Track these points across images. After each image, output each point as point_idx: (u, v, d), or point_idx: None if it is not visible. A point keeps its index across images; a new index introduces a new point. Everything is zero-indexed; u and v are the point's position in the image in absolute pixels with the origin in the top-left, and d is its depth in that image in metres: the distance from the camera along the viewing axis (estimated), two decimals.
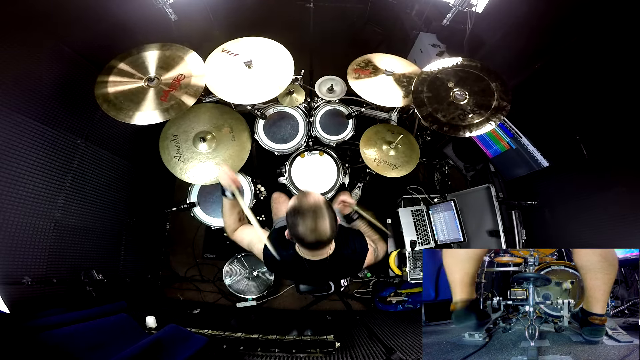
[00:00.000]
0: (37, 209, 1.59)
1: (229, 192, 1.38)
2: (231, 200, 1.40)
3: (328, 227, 1.15)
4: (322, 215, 1.14)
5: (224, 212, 1.44)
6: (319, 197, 1.20)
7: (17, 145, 1.51)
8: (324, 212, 1.15)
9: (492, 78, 1.78)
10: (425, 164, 2.95)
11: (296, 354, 1.56)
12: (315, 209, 1.14)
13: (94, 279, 1.72)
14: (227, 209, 1.43)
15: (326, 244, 1.21)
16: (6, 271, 1.42)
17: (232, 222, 1.45)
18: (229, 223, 1.45)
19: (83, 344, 1.27)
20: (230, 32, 2.95)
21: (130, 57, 1.72)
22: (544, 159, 2.03)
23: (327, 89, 2.16)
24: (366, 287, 2.61)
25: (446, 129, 1.71)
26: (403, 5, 3.05)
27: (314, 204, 1.15)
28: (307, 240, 1.16)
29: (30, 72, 1.60)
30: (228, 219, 1.44)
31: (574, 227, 2.00)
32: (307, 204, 1.15)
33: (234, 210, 1.43)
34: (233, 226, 1.45)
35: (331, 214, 1.17)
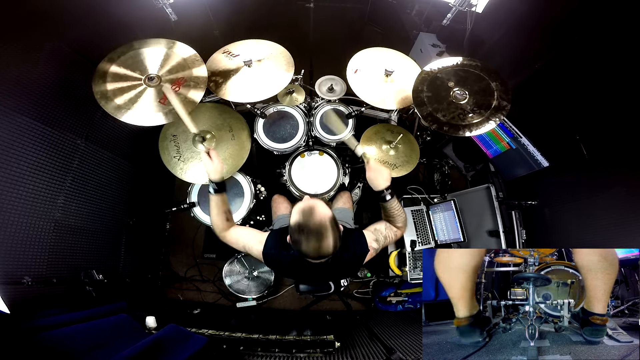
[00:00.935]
0: (37, 209, 1.59)
1: (211, 187, 1.35)
2: (218, 197, 1.37)
3: (332, 246, 1.14)
4: (327, 235, 1.13)
5: (211, 210, 1.39)
6: (324, 215, 1.16)
7: (17, 145, 1.51)
8: (329, 232, 1.13)
9: (492, 78, 1.78)
10: (425, 164, 2.95)
11: (296, 354, 1.56)
12: (320, 229, 1.12)
13: (94, 279, 1.72)
14: (213, 206, 1.38)
15: (328, 257, 1.21)
16: (6, 271, 1.42)
17: (220, 222, 1.39)
18: (217, 223, 1.40)
19: (83, 344, 1.27)
20: (230, 32, 2.97)
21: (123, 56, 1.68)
22: (544, 159, 2.02)
23: (327, 89, 2.16)
24: (366, 287, 2.61)
25: (446, 129, 1.71)
26: (403, 5, 3.05)
27: (319, 224, 1.13)
28: (309, 256, 1.17)
29: (31, 72, 1.60)
30: (216, 218, 1.39)
31: (574, 227, 2.00)
32: (313, 223, 1.13)
33: (220, 208, 1.38)
34: (222, 226, 1.40)
35: (335, 233, 1.16)
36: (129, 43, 1.70)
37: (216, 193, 1.37)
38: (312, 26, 2.38)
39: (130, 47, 1.69)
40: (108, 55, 1.66)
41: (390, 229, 1.43)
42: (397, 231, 1.44)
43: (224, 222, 1.40)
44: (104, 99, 1.57)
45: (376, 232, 1.41)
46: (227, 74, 1.86)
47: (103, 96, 1.57)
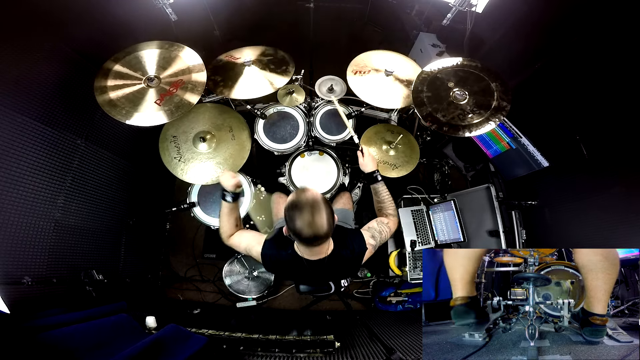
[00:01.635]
0: (37, 209, 1.59)
1: (229, 196, 1.38)
2: (230, 205, 1.40)
3: (325, 221, 1.15)
4: (319, 209, 1.15)
5: (222, 216, 1.42)
6: (316, 193, 1.20)
7: (17, 145, 1.51)
8: (321, 206, 1.16)
9: (492, 78, 1.78)
10: (425, 164, 2.95)
11: (296, 354, 1.57)
12: (313, 203, 1.15)
13: (94, 279, 1.72)
14: (225, 213, 1.41)
15: (323, 239, 1.20)
16: (6, 271, 1.42)
17: (229, 228, 1.42)
18: (226, 228, 1.43)
19: (83, 344, 1.27)
20: (230, 31, 2.97)
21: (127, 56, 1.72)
22: (544, 159, 2.02)
23: (327, 89, 2.16)
24: (366, 287, 2.61)
25: (446, 129, 1.71)
26: (403, 5, 3.05)
27: (311, 199, 1.16)
28: (304, 234, 1.15)
29: (31, 72, 1.60)
30: (225, 223, 1.42)
31: (574, 227, 2.00)
32: (305, 198, 1.16)
33: (232, 215, 1.42)
34: (229, 231, 1.43)
35: (328, 210, 1.18)
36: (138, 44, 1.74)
37: (233, 201, 1.40)
38: (312, 26, 2.38)
39: (135, 48, 1.73)
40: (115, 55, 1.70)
41: (382, 223, 1.44)
42: (389, 222, 1.45)
43: (232, 228, 1.43)
44: (103, 98, 1.58)
45: (370, 229, 1.42)
46: (227, 74, 1.87)
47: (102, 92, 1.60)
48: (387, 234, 1.43)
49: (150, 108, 1.61)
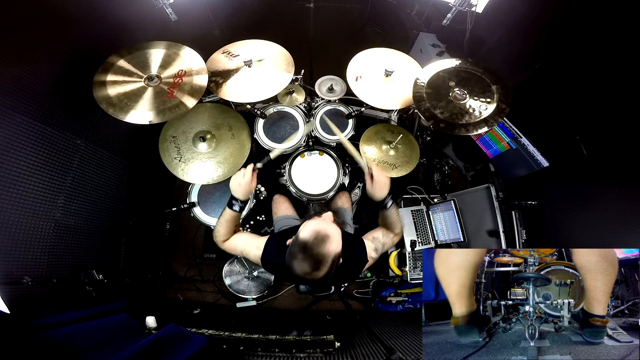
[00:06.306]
0: (37, 209, 1.59)
1: (237, 206, 1.34)
2: (235, 213, 1.35)
3: (320, 276, 1.10)
4: (322, 268, 1.09)
5: (222, 221, 1.36)
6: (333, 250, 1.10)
7: (17, 145, 1.51)
8: (326, 266, 1.09)
9: (493, 80, 1.79)
10: (425, 164, 2.95)
11: (296, 354, 1.57)
12: (321, 259, 1.08)
13: (94, 279, 1.72)
14: (226, 219, 1.36)
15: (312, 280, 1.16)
16: (6, 271, 1.42)
17: (226, 233, 1.38)
18: (223, 232, 1.38)
19: (83, 344, 1.27)
20: (230, 31, 2.97)
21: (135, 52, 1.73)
22: (544, 159, 2.02)
23: (327, 89, 2.16)
24: (366, 287, 2.61)
25: (442, 126, 1.72)
26: (403, 5, 3.05)
27: (323, 256, 1.08)
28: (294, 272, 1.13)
29: (31, 71, 1.60)
30: (223, 228, 1.37)
31: (574, 227, 2.00)
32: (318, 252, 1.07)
33: (233, 222, 1.38)
34: (225, 236, 1.39)
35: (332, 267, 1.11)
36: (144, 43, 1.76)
37: (240, 211, 1.36)
38: (312, 26, 2.37)
39: (141, 47, 1.74)
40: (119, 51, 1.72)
41: (387, 236, 1.40)
42: (394, 237, 1.42)
43: (229, 234, 1.39)
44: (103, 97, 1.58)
45: (375, 240, 1.39)
46: (227, 74, 1.87)
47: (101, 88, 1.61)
48: (389, 245, 1.41)
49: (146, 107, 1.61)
